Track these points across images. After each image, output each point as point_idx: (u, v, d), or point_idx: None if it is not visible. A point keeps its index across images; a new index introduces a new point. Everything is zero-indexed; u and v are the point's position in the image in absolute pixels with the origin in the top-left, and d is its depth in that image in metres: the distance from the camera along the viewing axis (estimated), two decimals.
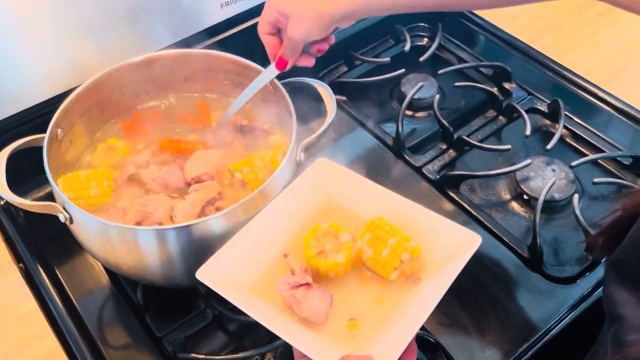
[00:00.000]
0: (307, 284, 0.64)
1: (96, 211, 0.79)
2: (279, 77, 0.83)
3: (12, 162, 0.76)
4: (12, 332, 0.79)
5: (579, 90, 1.06)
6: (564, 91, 1.07)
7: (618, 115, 1.02)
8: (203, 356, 0.76)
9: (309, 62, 0.80)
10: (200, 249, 0.71)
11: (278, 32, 0.79)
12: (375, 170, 0.97)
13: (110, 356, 0.77)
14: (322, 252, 0.68)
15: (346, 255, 0.67)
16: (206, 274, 0.63)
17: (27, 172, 0.81)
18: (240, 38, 1.03)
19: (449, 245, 0.67)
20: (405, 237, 0.66)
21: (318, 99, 0.84)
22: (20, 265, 0.85)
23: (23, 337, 0.78)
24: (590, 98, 1.05)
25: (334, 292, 0.66)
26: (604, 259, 0.83)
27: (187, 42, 0.98)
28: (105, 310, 0.82)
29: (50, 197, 0.77)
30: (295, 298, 0.63)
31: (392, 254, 0.65)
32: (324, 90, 0.83)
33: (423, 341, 0.76)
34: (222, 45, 0.96)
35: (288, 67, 0.79)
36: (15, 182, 0.76)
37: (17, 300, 0.82)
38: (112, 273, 0.85)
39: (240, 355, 0.75)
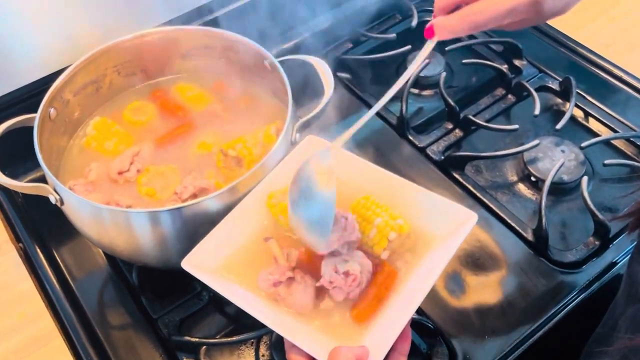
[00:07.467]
0: (289, 279, 0.62)
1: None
2: (275, 55, 0.81)
3: (8, 142, 0.75)
4: (8, 311, 0.79)
5: (592, 67, 1.02)
6: (577, 68, 1.03)
7: (633, 94, 0.98)
8: (197, 339, 0.75)
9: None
10: (194, 231, 0.69)
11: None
12: (378, 151, 0.95)
13: (106, 337, 0.77)
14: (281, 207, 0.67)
15: None
16: (193, 263, 0.62)
17: (25, 152, 0.80)
18: (236, 16, 1.00)
19: (444, 224, 0.65)
20: (393, 215, 0.65)
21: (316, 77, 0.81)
22: (20, 245, 0.85)
23: (19, 315, 0.79)
24: (604, 75, 1.01)
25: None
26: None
27: (182, 20, 0.95)
28: (102, 291, 0.82)
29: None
30: (279, 295, 0.62)
31: (379, 234, 0.64)
32: (321, 67, 0.80)
33: (422, 327, 0.75)
34: (218, 23, 0.94)
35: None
36: (12, 163, 0.76)
37: (15, 279, 0.82)
38: (109, 254, 0.84)
39: (235, 338, 0.74)
